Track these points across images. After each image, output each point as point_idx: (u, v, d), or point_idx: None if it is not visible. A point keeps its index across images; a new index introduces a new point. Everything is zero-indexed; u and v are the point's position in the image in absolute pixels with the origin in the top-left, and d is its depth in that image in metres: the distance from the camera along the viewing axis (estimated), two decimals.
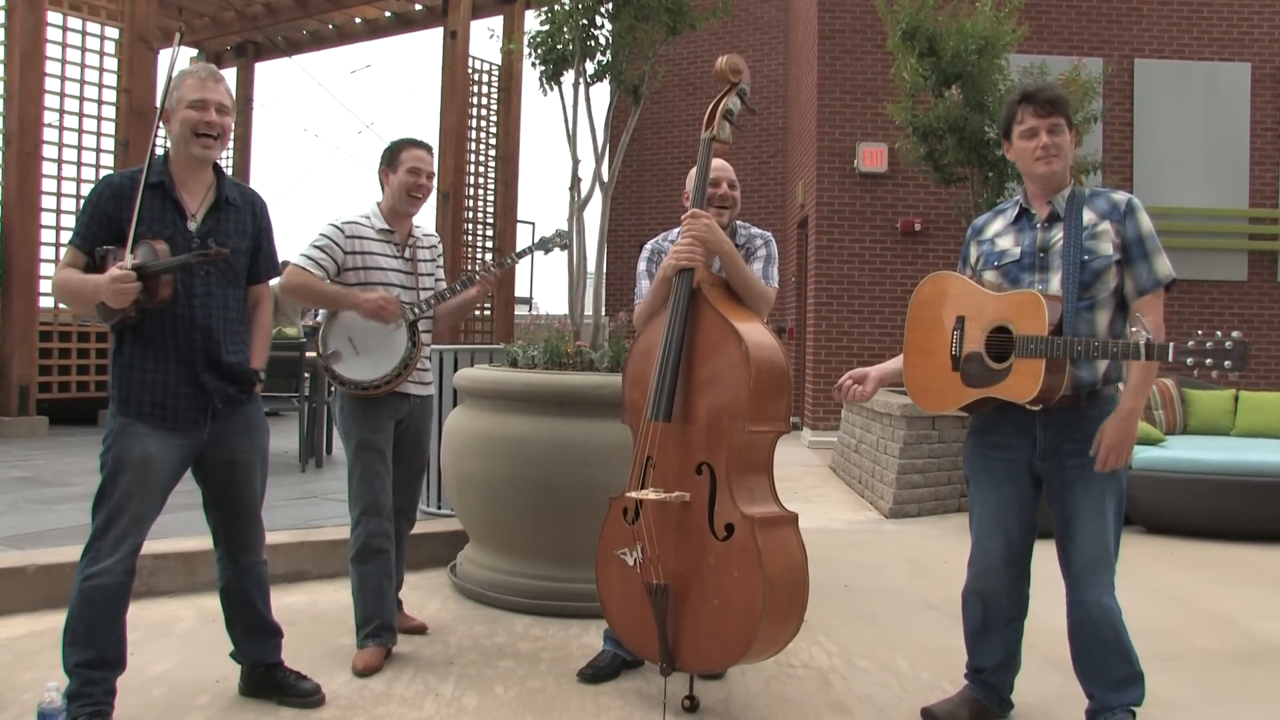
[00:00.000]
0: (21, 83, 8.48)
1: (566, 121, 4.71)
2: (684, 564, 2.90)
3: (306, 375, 7.10)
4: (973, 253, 3.00)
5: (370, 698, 3.10)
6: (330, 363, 3.49)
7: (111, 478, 2.72)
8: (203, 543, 3.67)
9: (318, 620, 3.88)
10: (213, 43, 13.35)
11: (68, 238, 2.95)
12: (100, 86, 9.15)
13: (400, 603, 3.68)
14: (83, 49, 9.04)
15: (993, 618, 2.92)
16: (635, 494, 2.94)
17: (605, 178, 4.68)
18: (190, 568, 4.19)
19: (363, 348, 3.48)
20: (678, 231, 3.16)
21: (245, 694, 3.08)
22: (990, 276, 2.89)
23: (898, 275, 10.13)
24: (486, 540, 4.27)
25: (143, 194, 2.73)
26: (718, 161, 3.23)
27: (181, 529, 4.36)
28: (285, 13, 12.11)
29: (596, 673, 3.28)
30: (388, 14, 12.39)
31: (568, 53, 4.65)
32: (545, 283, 67.16)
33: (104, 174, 4.31)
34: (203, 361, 2.80)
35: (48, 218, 8.76)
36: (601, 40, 4.70)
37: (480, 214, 11.95)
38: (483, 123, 11.90)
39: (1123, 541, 2.83)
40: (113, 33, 9.23)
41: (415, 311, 3.54)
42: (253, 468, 2.97)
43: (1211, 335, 2.36)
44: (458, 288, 3.65)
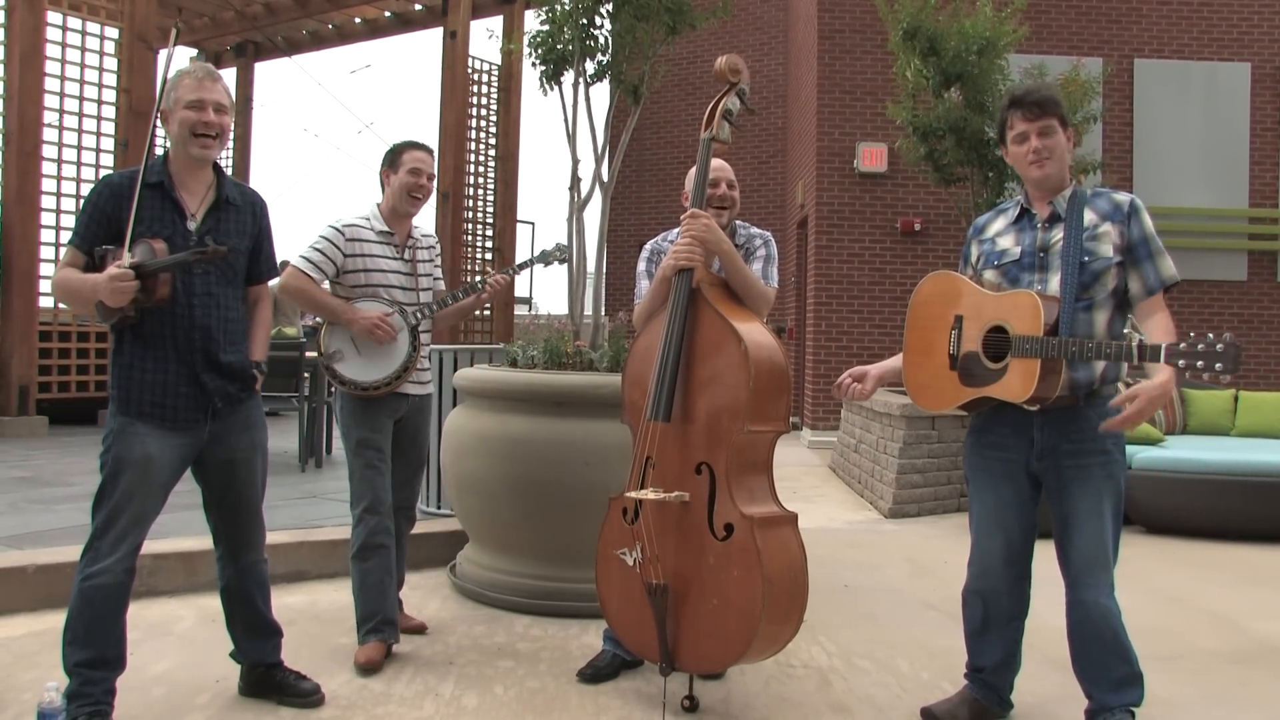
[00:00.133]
0: (21, 83, 8.48)
1: (566, 121, 4.71)
2: (683, 564, 2.90)
3: (306, 375, 7.10)
4: (974, 252, 3.00)
5: (370, 698, 3.10)
6: (331, 362, 3.51)
7: (111, 477, 2.73)
8: (203, 542, 3.67)
9: (317, 620, 3.88)
10: (212, 43, 13.35)
11: (67, 238, 2.95)
12: (100, 86, 9.15)
13: (400, 602, 3.68)
14: (82, 49, 9.04)
15: (993, 617, 2.92)
16: (635, 494, 2.94)
17: (605, 178, 4.67)
18: (190, 568, 4.19)
19: (364, 348, 3.51)
20: (677, 232, 3.16)
21: (245, 694, 3.08)
22: (990, 276, 2.89)
23: (897, 275, 10.13)
24: (486, 540, 4.27)
25: (143, 194, 2.73)
26: (717, 161, 3.23)
27: (181, 529, 4.36)
28: (285, 13, 12.11)
29: (596, 673, 3.28)
30: (387, 14, 12.38)
31: (567, 53, 4.65)
32: (545, 283, 67.24)
33: (104, 174, 4.31)
34: (202, 361, 2.80)
35: (47, 218, 8.77)
36: (601, 40, 4.70)
37: (480, 214, 11.95)
38: (482, 122, 11.90)
39: (1123, 541, 2.83)
40: (112, 33, 9.23)
41: (418, 316, 3.56)
42: (253, 466, 2.97)
43: (1204, 337, 2.34)
44: (460, 294, 3.68)
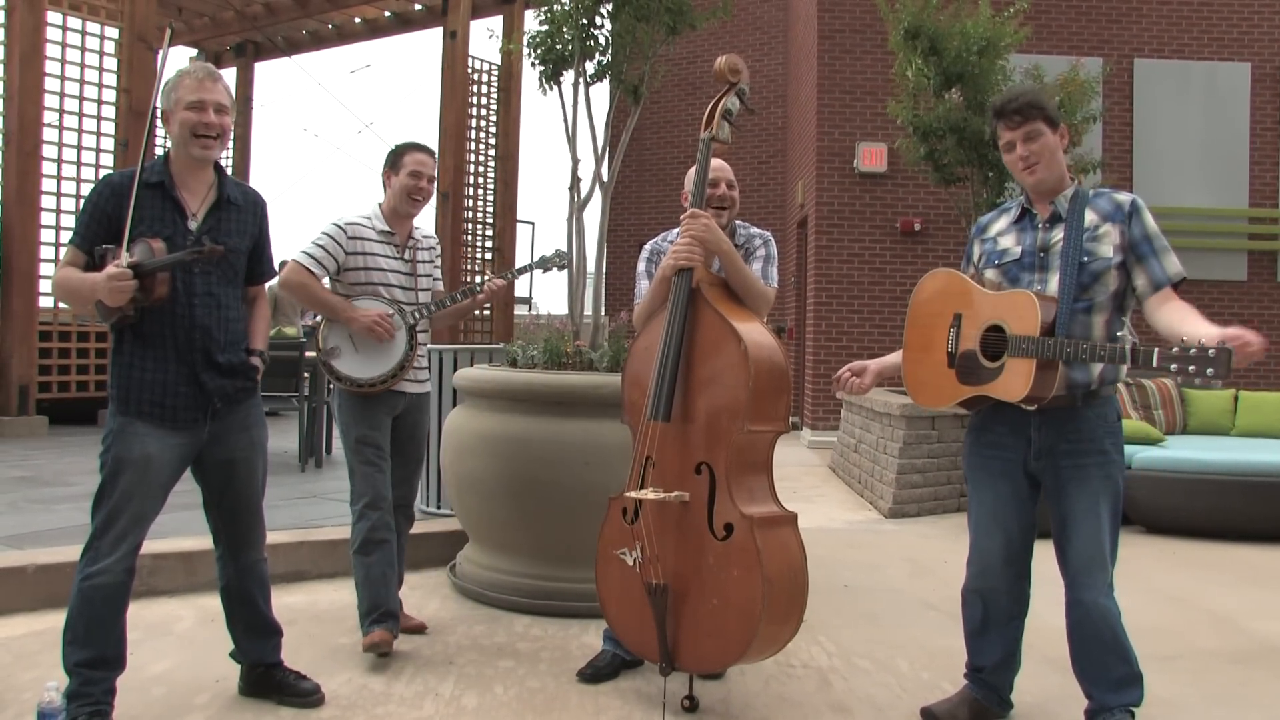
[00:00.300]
0: (21, 82, 8.48)
1: (566, 121, 4.72)
2: (683, 564, 2.90)
3: (306, 375, 7.10)
4: (976, 251, 3.00)
5: (370, 697, 3.10)
6: (329, 358, 3.53)
7: (111, 477, 2.72)
8: (202, 542, 3.67)
9: (318, 620, 3.88)
10: (212, 43, 13.35)
11: (68, 237, 2.95)
12: (100, 86, 9.15)
13: (400, 602, 3.68)
14: (82, 49, 9.04)
15: (992, 616, 2.92)
16: (635, 494, 2.94)
17: (605, 178, 4.68)
18: (190, 567, 4.19)
19: (361, 345, 3.53)
20: (677, 232, 3.16)
21: (245, 693, 3.08)
22: (991, 275, 2.89)
23: (897, 275, 10.13)
24: (486, 540, 4.27)
25: (143, 194, 2.73)
26: (716, 162, 3.22)
27: (181, 529, 4.36)
28: (285, 13, 12.11)
29: (596, 672, 3.28)
30: (387, 14, 12.38)
31: (567, 53, 4.65)
32: (545, 283, 67.02)
33: (104, 174, 4.31)
34: (202, 361, 2.80)
35: (47, 218, 8.76)
36: (601, 40, 4.70)
37: (480, 214, 11.95)
38: (482, 122, 11.90)
39: (1123, 541, 2.83)
40: (112, 32, 9.23)
41: (416, 315, 3.59)
42: (253, 465, 2.97)
43: (1196, 342, 2.35)
44: (459, 296, 3.71)
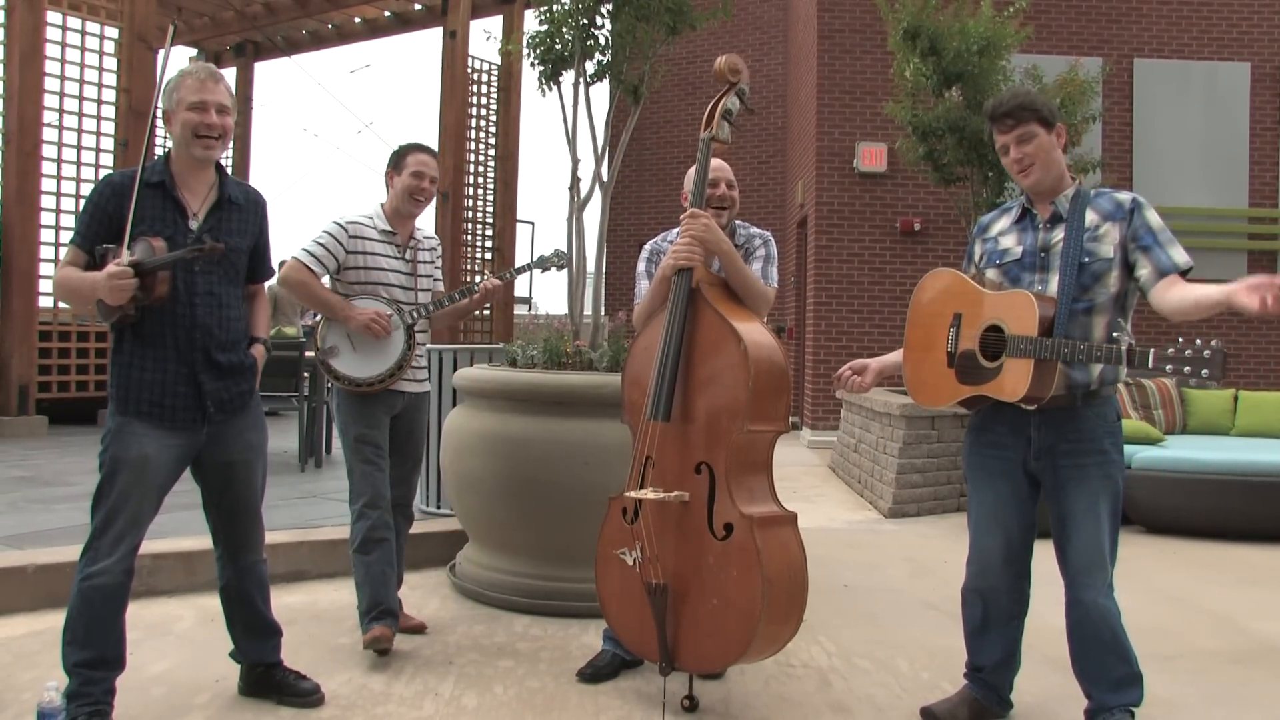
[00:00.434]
0: (21, 82, 8.47)
1: (566, 121, 4.71)
2: (683, 563, 2.90)
3: (306, 375, 7.10)
4: (977, 250, 3.00)
5: (369, 697, 3.10)
6: (327, 358, 3.54)
7: (109, 477, 2.72)
8: (202, 542, 3.67)
9: (317, 620, 3.88)
10: (212, 42, 13.35)
11: (68, 237, 2.95)
12: (100, 86, 9.15)
13: (400, 601, 3.68)
14: (82, 49, 9.04)
15: (992, 616, 2.92)
16: (634, 493, 2.94)
17: (605, 178, 4.68)
18: (189, 567, 4.19)
19: (360, 345, 3.54)
20: (677, 231, 3.16)
21: (244, 693, 3.08)
22: (992, 275, 2.89)
23: (897, 275, 10.12)
24: (486, 540, 4.27)
25: (144, 194, 2.73)
26: (716, 162, 3.22)
27: (181, 529, 4.36)
28: (285, 12, 12.11)
29: (596, 672, 3.28)
30: (387, 14, 12.38)
31: (567, 53, 4.65)
32: (545, 283, 67.01)
33: (104, 174, 4.31)
34: (202, 361, 2.80)
35: (47, 217, 8.76)
36: (601, 40, 4.70)
37: (479, 213, 11.95)
38: (482, 122, 11.90)
39: (1123, 541, 2.83)
40: (112, 32, 9.23)
41: (414, 315, 3.59)
42: (251, 468, 2.97)
43: (1191, 343, 2.35)
44: (457, 296, 3.72)
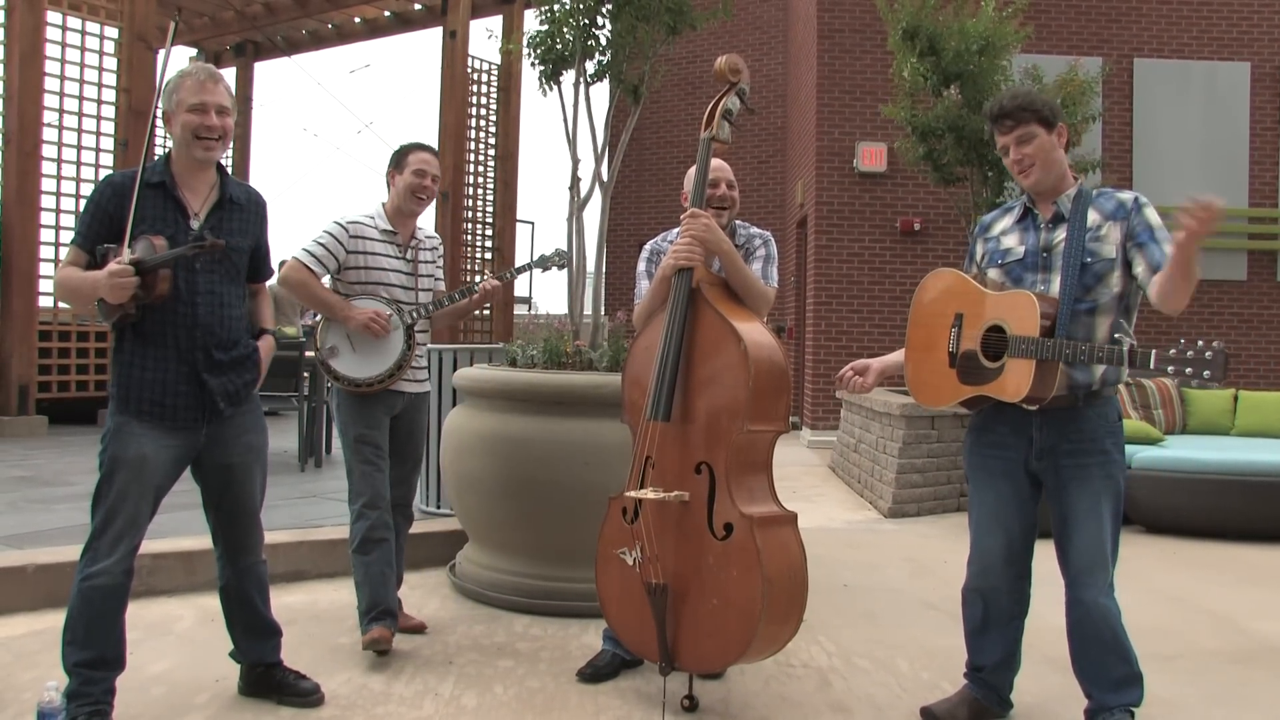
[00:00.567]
0: (21, 82, 8.47)
1: (566, 121, 4.71)
2: (683, 563, 2.90)
3: (306, 375, 7.10)
4: (979, 250, 3.00)
5: (369, 697, 3.10)
6: (327, 358, 3.54)
7: (107, 477, 2.73)
8: (202, 542, 3.67)
9: (317, 619, 3.88)
10: (212, 42, 13.35)
11: (68, 238, 2.95)
12: (100, 86, 9.14)
13: (399, 601, 3.68)
14: (82, 49, 9.03)
15: (993, 616, 2.92)
16: (634, 493, 2.94)
17: (605, 178, 4.67)
18: (189, 567, 4.19)
19: (359, 345, 3.54)
20: (677, 231, 3.16)
21: (244, 693, 3.08)
22: (994, 274, 2.89)
23: (897, 275, 10.12)
24: (486, 540, 4.27)
25: (145, 194, 2.74)
26: (716, 162, 3.22)
27: (181, 529, 4.36)
28: (285, 12, 12.10)
29: (596, 672, 3.28)
30: (387, 14, 12.38)
31: (567, 53, 4.65)
32: (545, 283, 66.94)
33: (104, 174, 4.31)
34: (203, 360, 2.80)
35: (47, 217, 8.75)
36: (602, 40, 4.70)
37: (479, 213, 11.94)
38: (482, 122, 11.89)
39: (1123, 541, 2.83)
40: (112, 32, 9.22)
41: (414, 315, 3.59)
42: (250, 471, 2.97)
43: (1193, 344, 2.35)
44: (457, 296, 3.72)
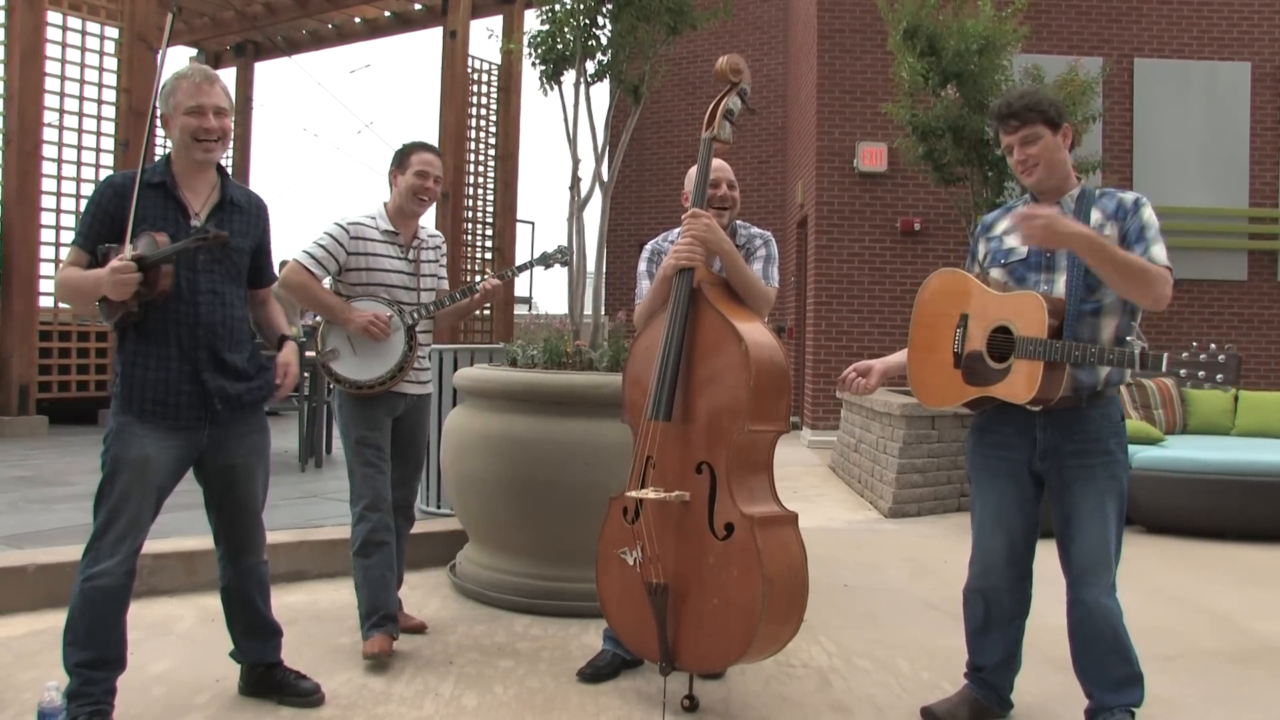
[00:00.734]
0: (21, 82, 8.48)
1: (566, 121, 4.71)
2: (684, 563, 2.90)
3: (306, 375, 7.10)
4: (981, 249, 2.99)
5: (370, 697, 3.10)
6: (328, 360, 3.54)
7: (109, 477, 2.73)
8: (203, 542, 3.67)
9: (318, 620, 3.88)
10: (212, 42, 13.36)
11: (68, 238, 2.95)
12: (100, 86, 9.15)
13: (400, 602, 3.68)
14: (82, 49, 9.04)
15: (994, 616, 2.92)
16: (635, 493, 2.94)
17: (605, 178, 4.68)
18: (190, 567, 4.19)
19: (360, 347, 3.54)
20: (678, 231, 3.16)
21: (245, 693, 3.08)
22: (997, 274, 2.88)
23: (897, 275, 10.12)
24: (486, 540, 4.27)
25: (146, 194, 2.74)
26: (717, 162, 3.22)
27: (182, 529, 4.36)
28: (285, 12, 12.11)
29: (596, 672, 3.28)
30: (387, 14, 12.38)
31: (567, 53, 4.65)
32: (545, 283, 66.97)
33: (104, 174, 4.32)
34: (206, 359, 2.80)
35: (47, 218, 8.76)
36: (602, 40, 4.70)
37: (480, 213, 11.95)
38: (482, 122, 11.90)
39: (1124, 541, 2.83)
40: (112, 32, 9.23)
41: (415, 316, 3.58)
42: (252, 472, 2.97)
43: (1206, 348, 2.36)
44: (458, 295, 3.71)
